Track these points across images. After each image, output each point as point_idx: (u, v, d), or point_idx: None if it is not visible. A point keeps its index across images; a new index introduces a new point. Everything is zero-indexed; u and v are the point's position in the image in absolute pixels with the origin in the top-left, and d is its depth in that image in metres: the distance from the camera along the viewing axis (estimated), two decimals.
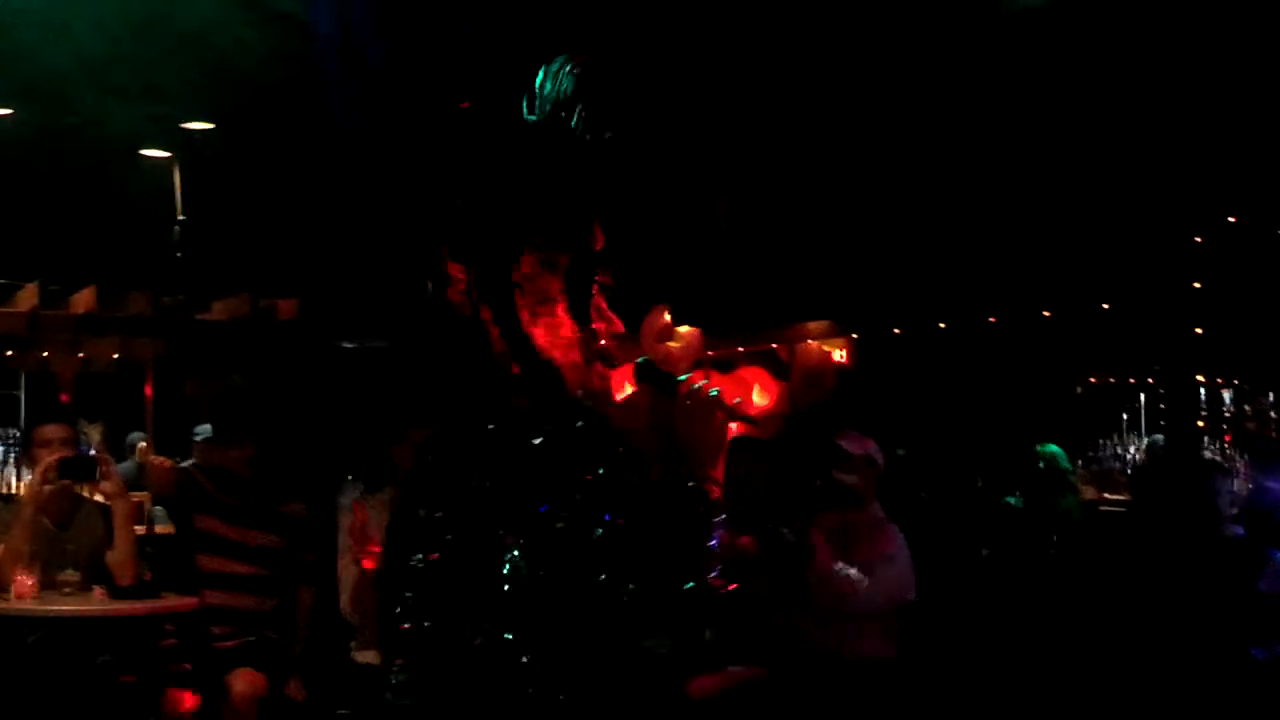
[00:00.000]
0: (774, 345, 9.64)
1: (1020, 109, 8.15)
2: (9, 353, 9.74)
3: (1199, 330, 9.07)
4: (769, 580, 5.20)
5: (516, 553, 2.79)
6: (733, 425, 7.85)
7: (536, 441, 2.96)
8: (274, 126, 7.48)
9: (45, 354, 8.69)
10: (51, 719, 4.92)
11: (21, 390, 10.46)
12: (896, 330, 9.71)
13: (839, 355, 9.73)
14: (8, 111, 7.31)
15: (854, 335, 9.68)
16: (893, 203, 8.12)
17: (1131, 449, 10.81)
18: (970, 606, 6.70)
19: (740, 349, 9.60)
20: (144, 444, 8.30)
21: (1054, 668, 5.84)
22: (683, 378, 5.94)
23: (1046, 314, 9.02)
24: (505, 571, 2.76)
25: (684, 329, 8.95)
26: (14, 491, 9.35)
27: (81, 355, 8.60)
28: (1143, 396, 12.16)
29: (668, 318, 8.75)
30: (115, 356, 8.42)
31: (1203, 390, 10.59)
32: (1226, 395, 10.90)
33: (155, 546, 6.37)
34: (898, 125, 7.61)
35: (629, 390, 7.28)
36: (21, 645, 4.92)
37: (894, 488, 5.81)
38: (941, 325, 9.54)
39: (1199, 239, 8.14)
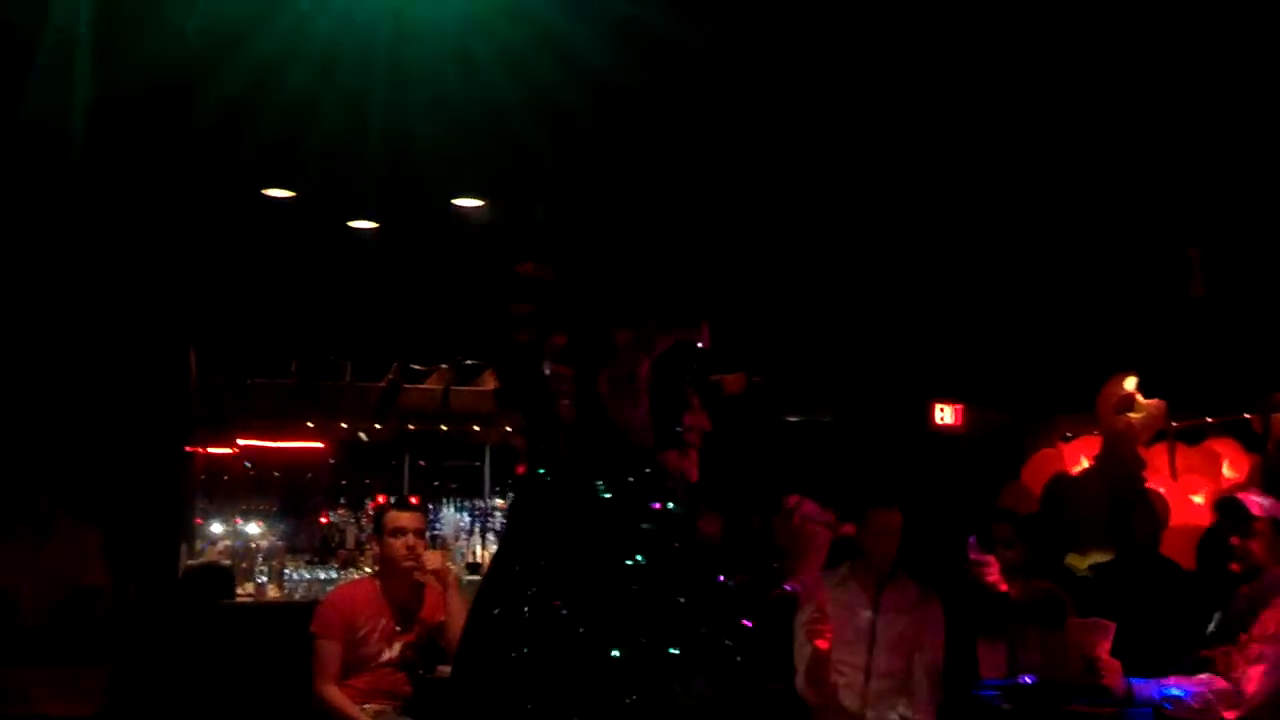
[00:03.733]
0: (1246, 415, 8.90)
1: None
2: (475, 427, 10.41)
3: None
4: None
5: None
6: None
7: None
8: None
9: (509, 428, 9.24)
10: None
11: (486, 463, 11.11)
12: None
13: None
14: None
15: None
16: None
17: None
18: None
19: (1209, 419, 8.92)
20: None
21: None
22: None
23: None
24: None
25: (1146, 400, 8.40)
26: (479, 560, 9.97)
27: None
28: None
29: (1129, 387, 8.22)
30: None
31: None
32: None
33: None
34: None
35: None
36: None
37: None
38: None
39: None
